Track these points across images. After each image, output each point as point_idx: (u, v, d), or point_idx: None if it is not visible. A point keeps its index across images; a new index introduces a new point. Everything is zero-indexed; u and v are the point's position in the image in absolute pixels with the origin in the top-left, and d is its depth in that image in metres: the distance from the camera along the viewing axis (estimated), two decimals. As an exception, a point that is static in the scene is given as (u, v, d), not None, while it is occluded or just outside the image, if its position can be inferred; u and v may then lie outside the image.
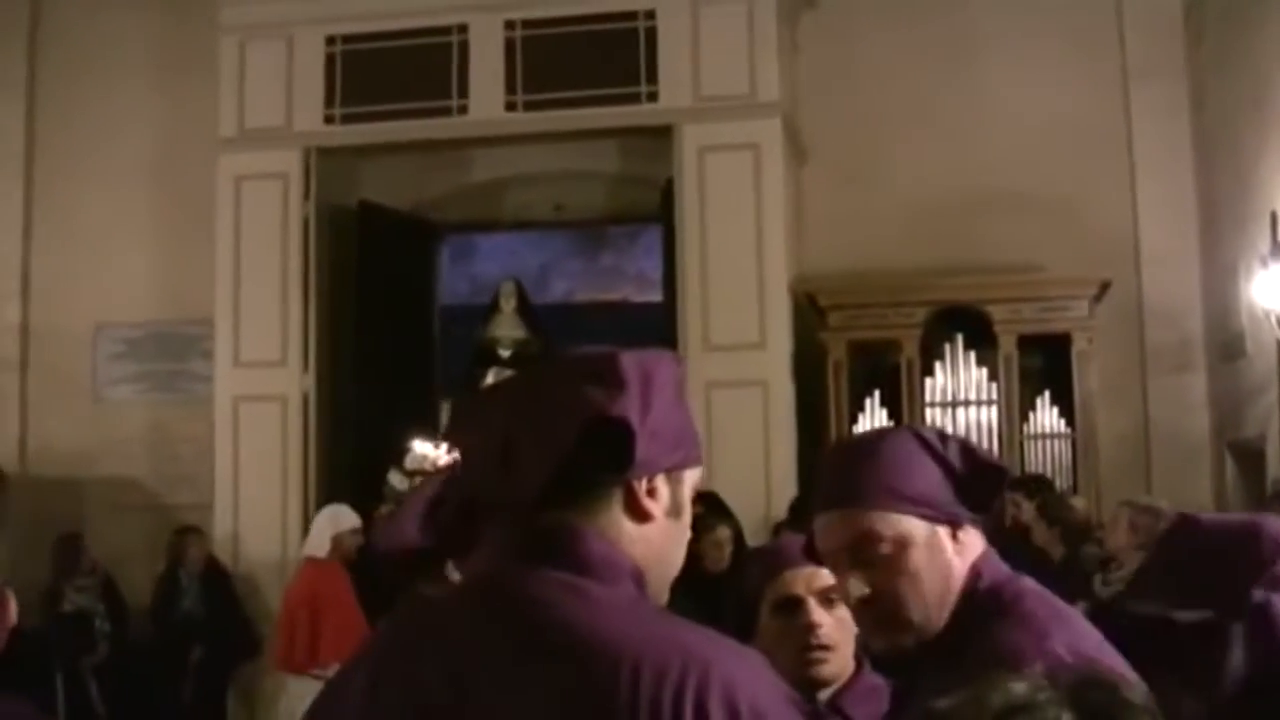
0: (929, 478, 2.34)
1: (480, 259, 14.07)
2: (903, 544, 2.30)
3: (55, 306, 12.03)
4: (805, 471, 10.24)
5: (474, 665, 1.76)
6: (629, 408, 1.82)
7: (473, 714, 1.73)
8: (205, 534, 10.70)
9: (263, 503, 10.70)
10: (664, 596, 1.92)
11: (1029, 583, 2.33)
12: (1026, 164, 10.99)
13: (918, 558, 2.30)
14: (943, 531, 2.32)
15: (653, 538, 1.88)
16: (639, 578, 1.85)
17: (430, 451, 9.85)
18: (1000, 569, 2.34)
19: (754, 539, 8.29)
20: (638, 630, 1.74)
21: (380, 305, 11.54)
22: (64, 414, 11.85)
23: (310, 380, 10.95)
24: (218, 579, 10.61)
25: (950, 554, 2.32)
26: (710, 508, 7.88)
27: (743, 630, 2.83)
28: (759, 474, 9.98)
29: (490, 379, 10.59)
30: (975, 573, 2.31)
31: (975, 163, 11.05)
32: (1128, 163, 11.18)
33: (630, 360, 1.86)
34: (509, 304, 12.60)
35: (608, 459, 1.83)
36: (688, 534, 1.96)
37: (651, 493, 1.87)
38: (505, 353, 12.25)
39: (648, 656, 1.69)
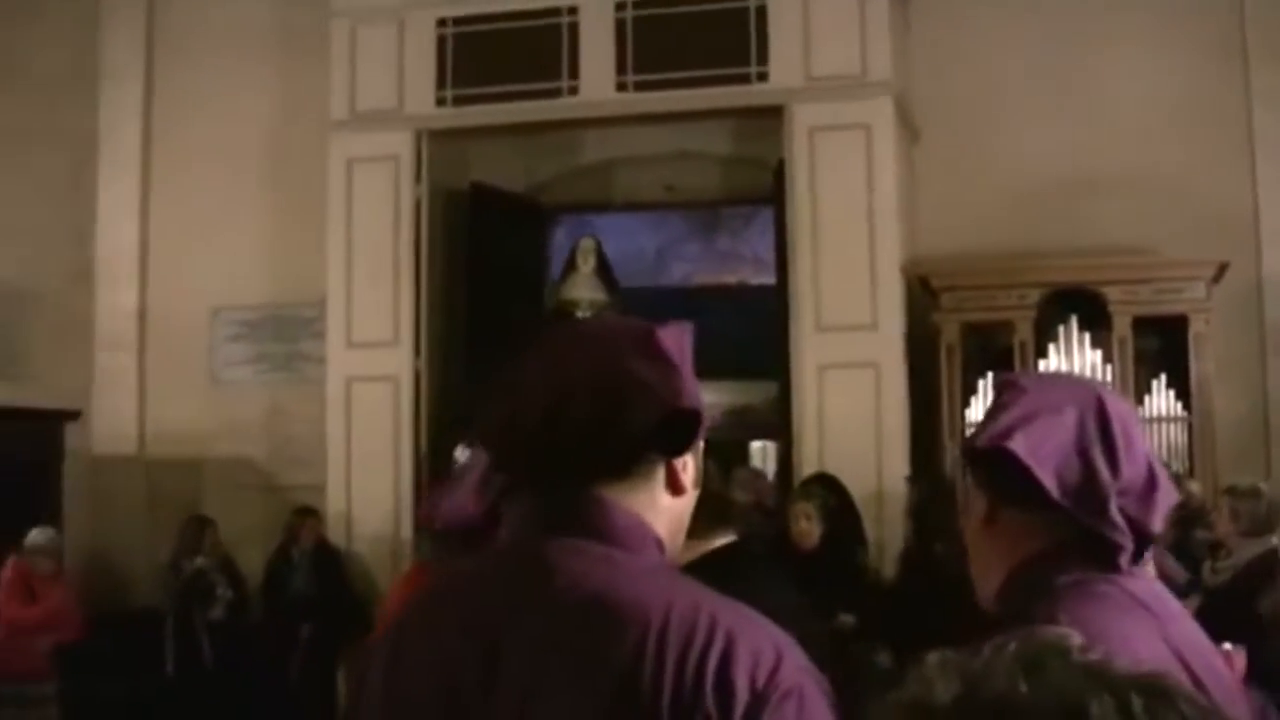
0: (971, 438, 2.34)
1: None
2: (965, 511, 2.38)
3: (172, 290, 12.23)
4: (917, 454, 10.20)
5: (505, 634, 1.80)
6: (692, 395, 1.90)
7: (506, 681, 1.78)
8: (319, 514, 10.83)
9: (374, 483, 10.80)
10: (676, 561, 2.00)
11: (1126, 584, 2.20)
12: (1141, 144, 10.84)
13: (961, 509, 2.41)
14: (977, 493, 2.32)
15: (679, 509, 1.97)
16: (661, 546, 1.91)
17: None
18: (1081, 566, 2.19)
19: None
20: (666, 596, 1.78)
21: (491, 286, 11.59)
22: (181, 396, 12.04)
23: (422, 361, 11.04)
24: (328, 559, 10.75)
25: (980, 520, 2.31)
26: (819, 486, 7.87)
27: None
28: (871, 456, 9.93)
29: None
30: (1025, 560, 2.22)
31: (1089, 143, 10.91)
32: (1246, 143, 10.97)
33: (670, 338, 1.93)
34: (587, 263, 12.20)
35: (669, 443, 1.91)
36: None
37: (684, 466, 1.95)
38: (583, 315, 11.67)
39: (674, 622, 1.74)
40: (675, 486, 1.93)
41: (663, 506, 1.93)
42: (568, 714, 1.73)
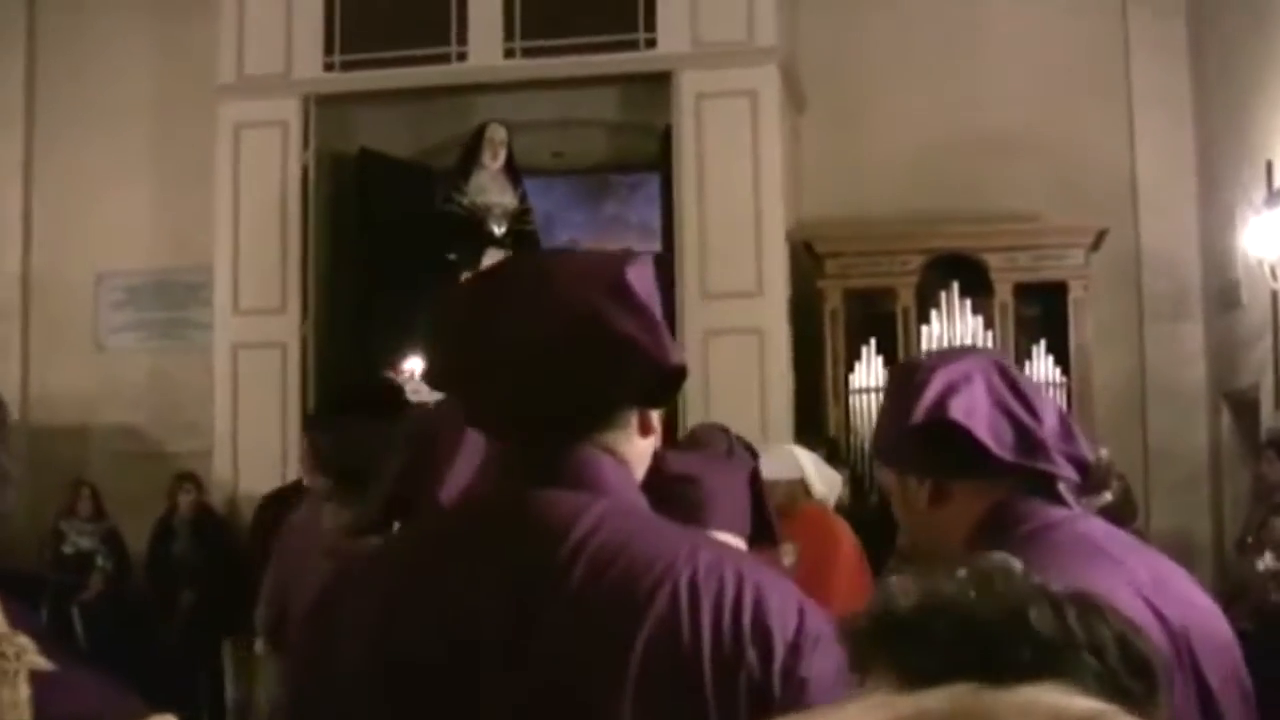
0: (879, 424, 2.46)
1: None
2: (891, 491, 2.44)
3: (56, 255, 12.08)
4: (801, 419, 10.30)
5: (533, 593, 1.77)
6: (675, 349, 1.89)
7: (541, 641, 1.75)
8: (199, 480, 10.78)
9: (262, 450, 10.73)
10: None
11: (1078, 528, 2.30)
12: (1025, 111, 10.99)
13: (896, 504, 2.43)
14: (913, 482, 2.36)
15: (648, 449, 1.96)
16: (639, 491, 1.92)
17: None
18: (1034, 517, 2.29)
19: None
20: (687, 547, 1.79)
21: (381, 252, 11.55)
22: (66, 362, 11.91)
23: (309, 327, 10.99)
24: (210, 525, 10.70)
25: (917, 504, 2.36)
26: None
27: None
28: (754, 421, 9.97)
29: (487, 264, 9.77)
30: (978, 524, 2.30)
31: (973, 110, 11.05)
32: (1126, 109, 11.18)
33: (638, 279, 1.89)
34: (497, 159, 11.07)
35: (652, 397, 1.91)
36: None
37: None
38: (499, 228, 10.94)
39: (702, 574, 1.74)
40: (645, 428, 1.93)
41: (638, 449, 1.93)
42: (608, 674, 1.71)
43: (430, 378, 2.04)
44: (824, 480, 5.98)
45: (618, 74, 10.90)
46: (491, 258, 9.85)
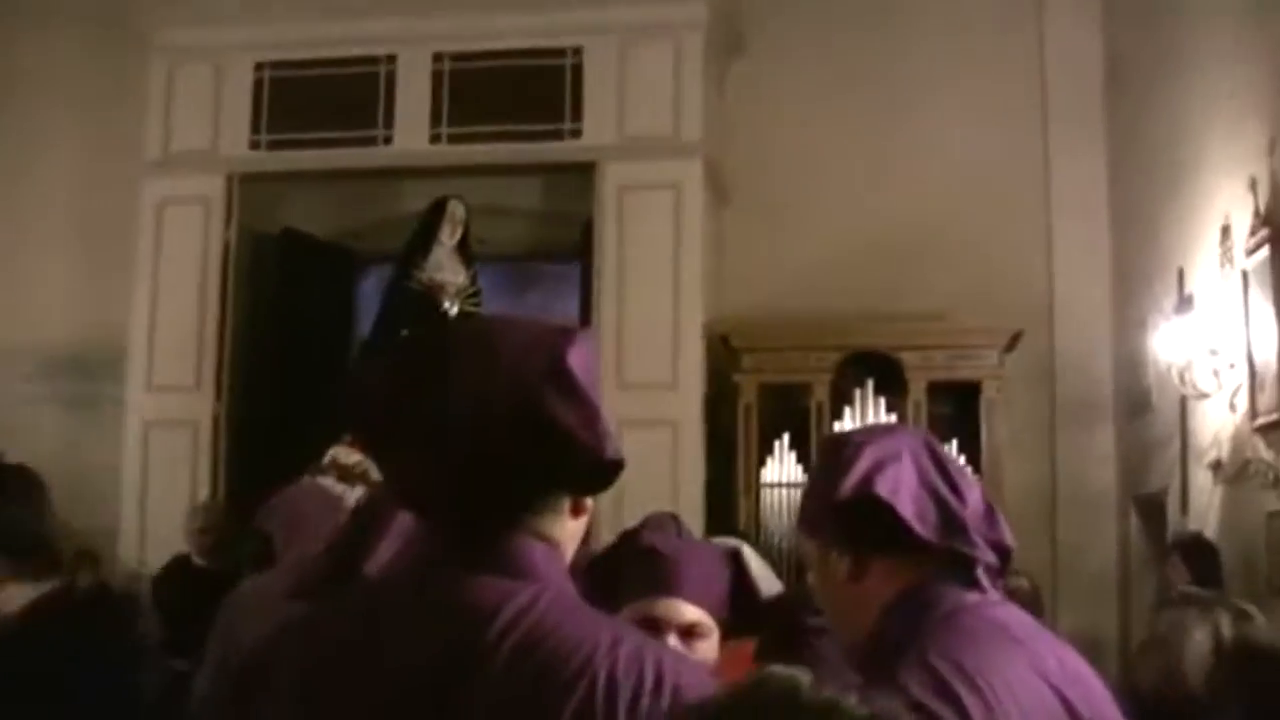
0: (807, 496, 2.45)
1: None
2: (807, 560, 2.46)
3: (-29, 325, 11.95)
4: (712, 512, 10.29)
5: (452, 681, 1.76)
6: (614, 442, 1.90)
7: (462, 717, 1.75)
8: (98, 558, 10.62)
9: (170, 528, 10.61)
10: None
11: (990, 614, 2.32)
12: (947, 213, 11.11)
13: (814, 577, 2.44)
14: (834, 555, 2.37)
15: (579, 530, 1.96)
16: (568, 575, 1.91)
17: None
18: (948, 600, 2.30)
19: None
20: (607, 637, 1.78)
21: (298, 333, 11.51)
22: (-27, 433, 11.74)
23: (223, 406, 10.93)
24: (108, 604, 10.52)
25: (838, 578, 2.36)
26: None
27: None
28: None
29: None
30: (895, 602, 2.31)
31: (895, 212, 11.16)
32: (1044, 216, 11.32)
33: (579, 361, 1.89)
34: (454, 236, 10.95)
35: (583, 485, 1.92)
36: None
37: None
38: (453, 307, 10.72)
39: (622, 665, 1.75)
40: (577, 509, 1.93)
41: (568, 532, 1.93)
42: None
43: (374, 457, 2.03)
44: (765, 581, 5.95)
45: (543, 163, 10.97)
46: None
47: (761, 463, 10.42)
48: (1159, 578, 9.28)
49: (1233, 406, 8.34)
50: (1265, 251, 7.68)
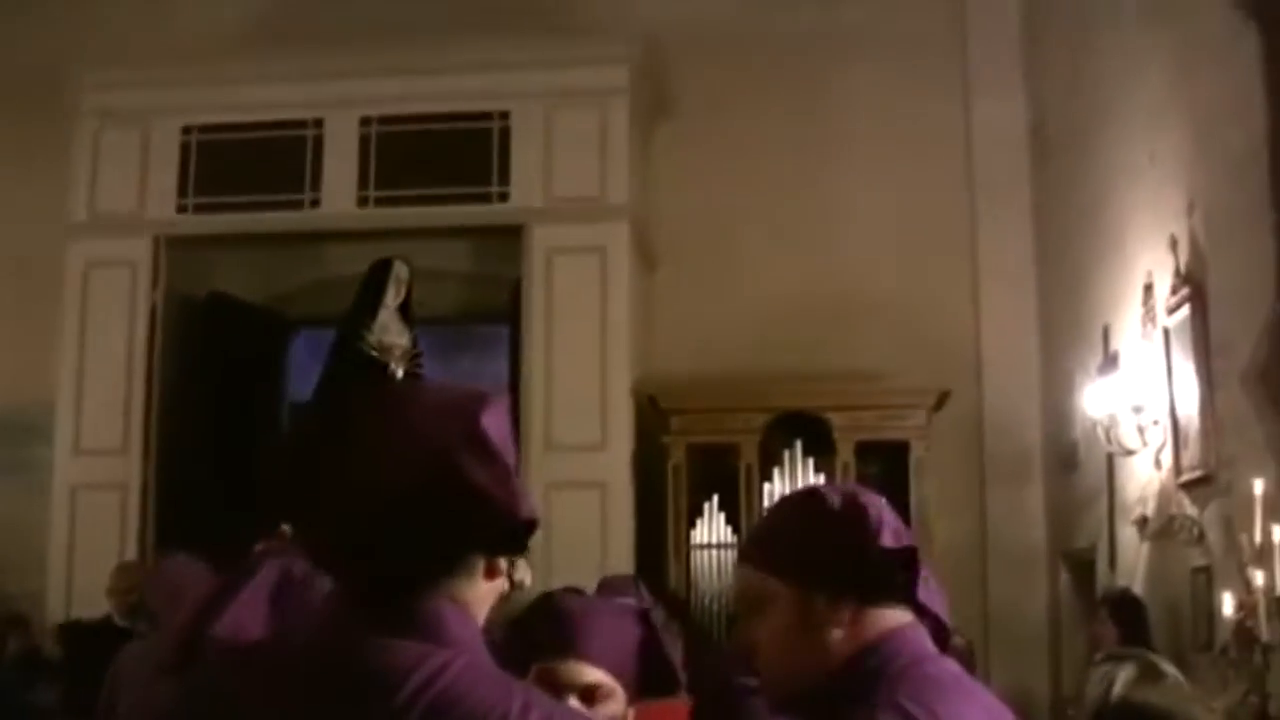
0: (816, 544, 2.34)
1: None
2: (766, 603, 2.34)
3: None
4: (642, 573, 10.27)
5: None
6: (528, 501, 1.90)
7: None
8: (28, 622, 10.53)
9: (97, 591, 10.50)
10: None
11: (947, 665, 2.31)
12: (874, 274, 11.20)
13: (775, 620, 2.32)
14: (821, 601, 2.31)
15: (493, 592, 1.95)
16: (480, 637, 1.90)
17: None
18: (915, 648, 2.29)
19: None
20: (516, 703, 1.78)
21: (226, 397, 11.45)
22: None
23: (151, 470, 10.85)
24: (39, 669, 10.43)
25: (821, 623, 2.30)
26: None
27: None
28: (595, 575, 9.90)
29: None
30: (867, 647, 2.27)
31: (824, 272, 11.24)
32: (972, 278, 11.42)
33: (494, 424, 1.89)
34: (397, 296, 10.74)
35: (498, 545, 1.91)
36: None
37: None
38: (399, 369, 10.53)
39: None
40: (491, 572, 1.92)
41: (482, 594, 1.92)
42: None
43: (292, 523, 2.04)
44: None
45: (471, 226, 11.00)
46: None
47: (691, 524, 10.42)
48: (1088, 634, 9.32)
49: (1158, 463, 8.41)
50: (1186, 310, 7.79)
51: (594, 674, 2.88)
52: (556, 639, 2.90)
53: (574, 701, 2.81)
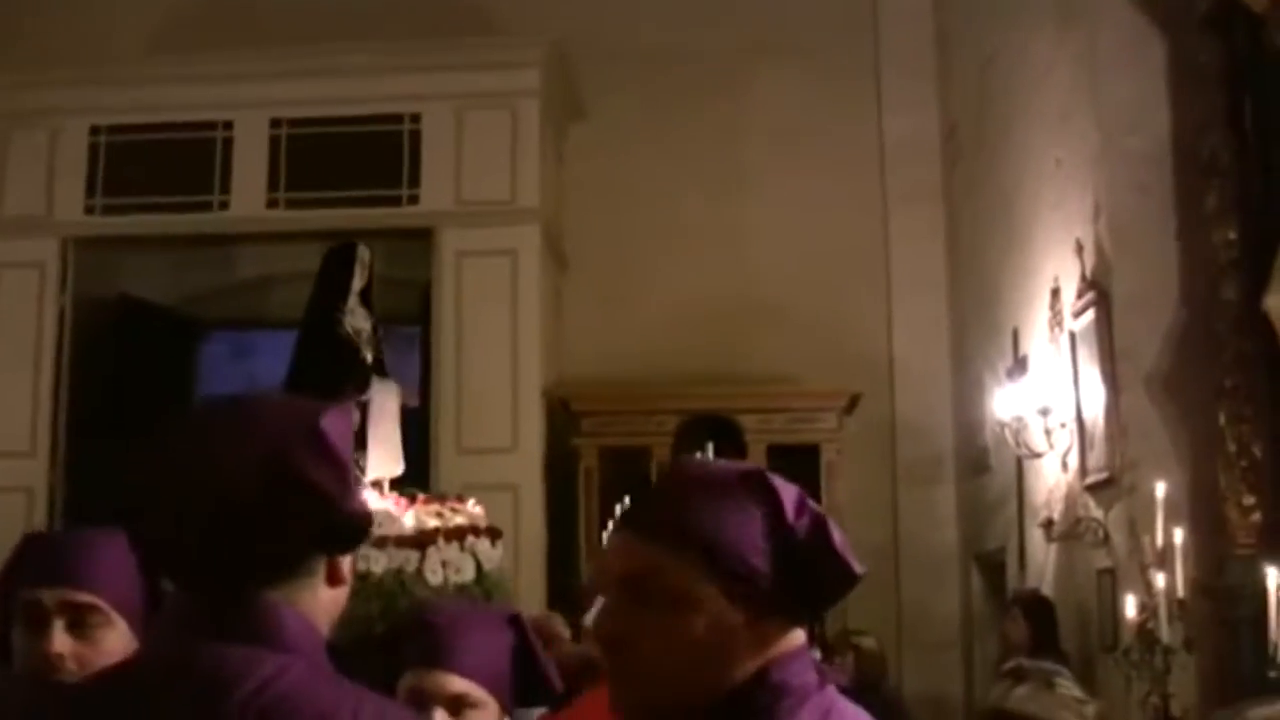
0: (747, 536, 1.90)
1: (261, 356, 13.78)
2: (680, 599, 1.88)
3: None
4: (554, 575, 10.27)
5: None
6: (360, 497, 1.89)
7: None
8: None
9: (1, 598, 10.41)
10: None
11: (835, 699, 1.99)
12: (787, 279, 11.24)
13: (694, 622, 1.88)
14: (738, 606, 1.89)
15: (337, 599, 1.92)
16: (322, 644, 1.88)
17: None
18: (803, 676, 1.94)
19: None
20: (348, 706, 1.77)
21: (137, 400, 11.33)
22: None
23: (59, 473, 10.74)
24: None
25: (737, 634, 1.89)
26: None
27: None
28: (508, 577, 9.96)
29: (374, 395, 8.87)
30: (767, 666, 1.90)
31: (736, 277, 11.28)
32: (884, 279, 11.48)
33: (335, 428, 1.88)
34: (362, 280, 9.75)
35: (336, 544, 1.89)
36: None
37: (344, 558, 1.93)
38: (369, 356, 9.69)
39: None
40: (334, 577, 1.90)
41: (323, 600, 1.89)
42: None
43: (130, 529, 2.05)
44: None
45: (381, 229, 10.90)
46: (377, 387, 9.09)
47: (603, 526, 10.38)
48: (1000, 633, 9.37)
49: (1065, 466, 8.47)
50: (1091, 314, 7.83)
51: (461, 684, 2.86)
52: (424, 650, 2.90)
53: (440, 713, 2.81)
